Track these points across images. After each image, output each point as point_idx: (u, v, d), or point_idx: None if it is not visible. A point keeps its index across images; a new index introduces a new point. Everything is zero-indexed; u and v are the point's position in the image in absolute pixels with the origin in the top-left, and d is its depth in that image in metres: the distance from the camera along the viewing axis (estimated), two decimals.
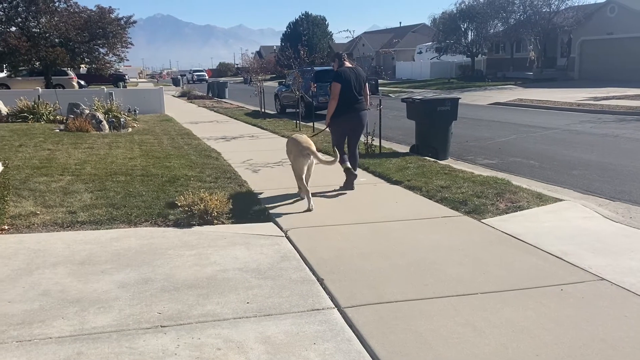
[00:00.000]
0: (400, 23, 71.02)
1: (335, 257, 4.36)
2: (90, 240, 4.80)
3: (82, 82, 35.02)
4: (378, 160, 8.46)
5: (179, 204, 5.41)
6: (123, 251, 4.50)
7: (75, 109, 13.61)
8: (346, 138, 6.96)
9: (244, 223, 5.42)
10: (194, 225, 5.22)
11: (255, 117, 16.89)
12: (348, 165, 6.68)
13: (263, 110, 18.30)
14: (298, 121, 13.71)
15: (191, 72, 71.29)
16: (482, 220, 5.35)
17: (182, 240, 4.81)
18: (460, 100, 9.66)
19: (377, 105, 9.34)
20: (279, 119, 16.46)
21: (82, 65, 31.76)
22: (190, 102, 26.50)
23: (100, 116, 13.25)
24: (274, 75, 42.53)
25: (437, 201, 6.10)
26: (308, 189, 5.99)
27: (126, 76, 48.79)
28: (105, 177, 7.09)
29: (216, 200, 5.38)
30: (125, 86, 36.37)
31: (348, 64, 6.90)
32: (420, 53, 50.84)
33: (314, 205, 5.86)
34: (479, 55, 41.03)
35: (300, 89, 14.01)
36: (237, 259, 4.34)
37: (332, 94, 6.69)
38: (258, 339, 3.05)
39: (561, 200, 6.03)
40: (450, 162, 8.61)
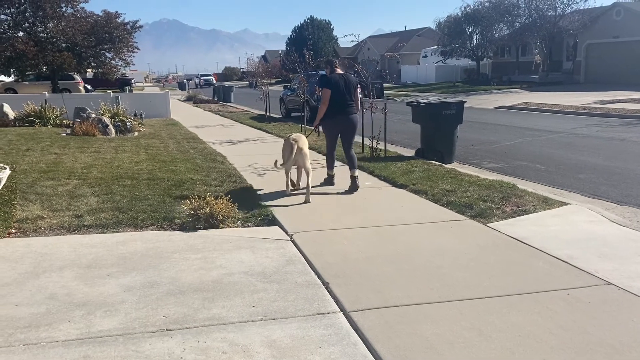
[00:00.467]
0: (406, 27, 70.95)
1: (340, 261, 4.36)
2: (96, 243, 4.82)
3: (89, 87, 35.18)
4: (383, 164, 8.46)
5: (184, 208, 5.42)
6: (129, 255, 4.52)
7: (81, 113, 13.69)
8: (337, 141, 7.34)
9: (250, 227, 5.44)
10: (200, 228, 5.24)
11: (260, 121, 16.93)
12: (332, 172, 7.35)
13: (268, 114, 18.33)
14: (303, 125, 13.72)
15: (199, 77, 71.24)
16: (488, 224, 5.34)
17: (188, 243, 4.82)
18: (465, 104, 9.65)
19: (382, 109, 9.35)
20: (284, 122, 16.49)
21: (89, 70, 31.94)
22: (196, 106, 26.59)
23: (107, 120, 13.31)
24: (279, 79, 42.66)
25: (443, 205, 6.09)
26: (288, 182, 6.83)
27: (132, 80, 48.96)
28: (112, 181, 7.12)
29: (222, 203, 5.39)
30: (131, 90, 36.49)
31: (339, 71, 7.24)
32: (425, 57, 50.81)
33: (290, 191, 6.73)
34: (485, 59, 40.97)
35: (306, 93, 14.02)
36: (243, 262, 4.35)
37: (322, 99, 7.07)
38: (264, 343, 3.06)
39: (567, 204, 6.01)
40: (455, 166, 8.60)
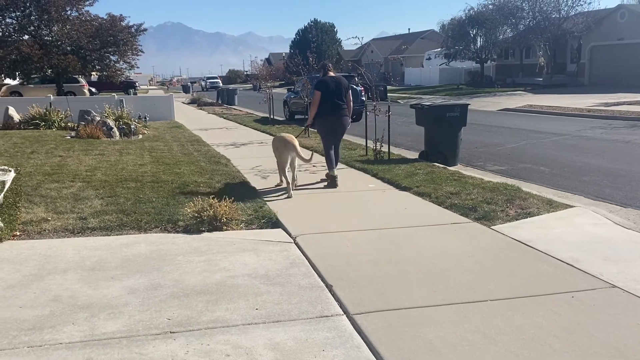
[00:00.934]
0: (409, 29, 70.97)
1: (344, 264, 4.36)
2: (100, 246, 4.83)
3: (93, 90, 35.31)
4: (387, 167, 8.45)
5: (188, 210, 5.43)
6: (133, 257, 4.53)
7: (86, 116, 13.74)
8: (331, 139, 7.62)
9: (253, 229, 5.44)
10: (203, 231, 5.24)
11: (264, 124, 16.95)
12: (333, 173, 7.42)
13: (272, 116, 18.36)
14: (306, 129, 13.71)
15: (204, 80, 70.34)
16: (492, 227, 5.33)
17: (192, 246, 4.83)
18: (469, 107, 9.63)
19: (386, 111, 9.34)
20: (287, 125, 16.50)
21: (93, 73, 32.04)
22: (200, 109, 26.65)
23: (111, 123, 13.35)
24: (283, 82, 42.70)
25: (447, 207, 6.08)
26: (289, 181, 6.92)
27: (137, 83, 49.08)
28: (116, 184, 7.14)
29: (225, 206, 5.40)
30: (135, 93, 36.65)
31: (331, 74, 7.67)
32: (429, 59, 50.80)
33: (292, 194, 6.78)
34: (488, 61, 40.92)
35: (309, 96, 14.03)
36: (246, 265, 4.35)
37: (313, 100, 7.57)
38: (267, 346, 3.05)
39: (572, 206, 5.99)
40: (459, 168, 8.58)
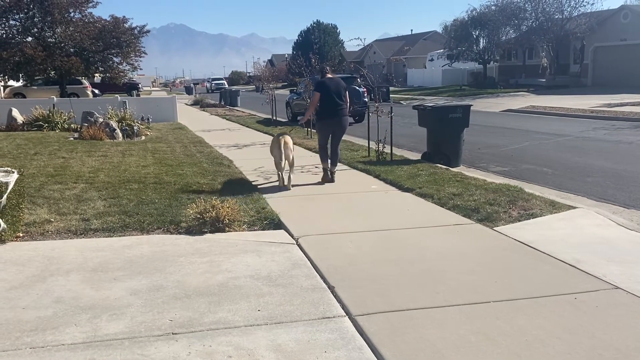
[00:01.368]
0: (412, 31, 70.88)
1: (346, 265, 4.35)
2: (103, 247, 4.84)
3: (96, 91, 35.37)
4: (389, 168, 8.45)
5: (191, 211, 5.44)
6: (135, 258, 4.54)
7: (89, 118, 13.77)
8: (329, 138, 7.85)
9: (256, 230, 5.44)
10: (206, 232, 5.25)
11: (266, 125, 16.97)
12: (327, 166, 7.72)
13: (275, 118, 18.37)
14: (309, 128, 13.73)
15: (210, 81, 69.40)
16: (495, 228, 5.32)
17: (194, 247, 4.83)
18: (472, 108, 9.62)
19: (389, 112, 9.34)
20: (290, 126, 16.48)
21: (96, 74, 32.12)
22: (203, 110, 26.70)
23: (114, 124, 13.39)
24: (286, 83, 42.73)
25: (449, 209, 6.07)
26: (283, 177, 7.35)
27: (140, 85, 49.13)
28: (119, 185, 7.15)
29: (228, 207, 5.40)
30: (138, 95, 36.69)
31: (329, 75, 7.95)
32: (431, 60, 50.75)
33: (291, 186, 7.25)
34: (491, 62, 40.85)
35: (311, 97, 14.01)
36: (249, 266, 4.35)
37: (312, 101, 7.91)
38: (269, 347, 3.05)
39: (575, 207, 5.97)
40: (462, 170, 8.57)
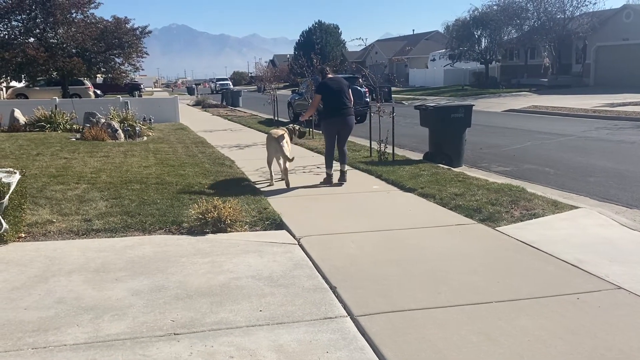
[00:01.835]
0: (414, 31, 70.87)
1: (348, 265, 4.35)
2: (105, 248, 4.84)
3: (98, 92, 35.43)
4: (391, 168, 8.44)
5: (192, 212, 5.44)
6: (137, 259, 4.54)
7: (91, 118, 13.79)
8: (336, 139, 7.71)
9: (257, 230, 5.44)
10: (208, 232, 5.25)
11: (268, 125, 16.95)
12: (331, 172, 7.64)
13: (276, 118, 18.36)
14: (311, 129, 13.74)
15: (215, 81, 68.53)
16: (497, 228, 5.31)
17: (196, 247, 4.83)
18: (474, 108, 9.61)
19: (390, 112, 9.33)
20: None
21: (99, 75, 32.18)
22: (205, 111, 26.70)
23: (116, 125, 13.40)
24: (288, 84, 42.70)
25: (451, 209, 6.06)
26: (272, 172, 7.63)
27: (141, 85, 49.19)
28: (121, 185, 7.16)
29: (229, 207, 5.40)
30: (140, 95, 36.71)
31: (330, 75, 7.86)
32: (433, 60, 50.73)
33: (274, 183, 7.55)
34: (493, 62, 40.81)
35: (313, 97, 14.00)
36: (250, 266, 4.35)
37: (312, 102, 7.92)
38: (271, 347, 3.05)
39: (577, 207, 5.96)
40: (464, 170, 8.56)
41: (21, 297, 3.76)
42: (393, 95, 21.54)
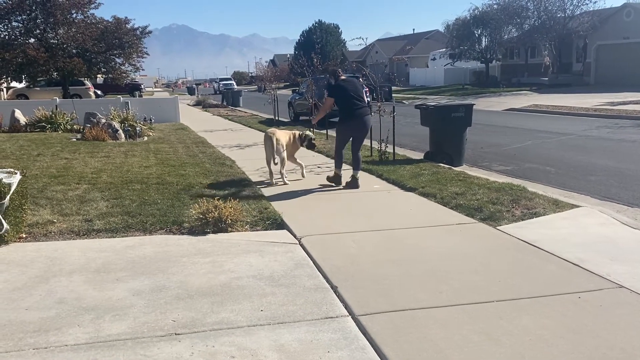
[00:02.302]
0: (414, 30, 70.85)
1: (349, 265, 4.35)
2: (105, 248, 4.84)
3: (99, 92, 35.45)
4: (392, 167, 8.44)
5: (193, 212, 5.44)
6: (138, 259, 4.54)
7: (92, 119, 13.79)
8: (349, 142, 7.50)
9: (258, 230, 5.44)
10: (209, 232, 5.25)
11: (269, 125, 16.94)
12: (340, 172, 7.41)
13: (277, 118, 18.37)
14: (311, 129, 13.72)
15: (218, 82, 66.65)
16: (498, 227, 5.30)
17: (197, 247, 4.83)
18: (474, 107, 9.60)
19: (391, 111, 9.33)
20: (292, 126, 16.48)
21: (99, 75, 32.21)
22: (205, 111, 26.70)
23: (117, 125, 13.41)
24: (288, 84, 42.69)
25: (452, 208, 6.06)
26: (272, 172, 7.61)
27: (142, 85, 49.16)
28: (121, 186, 7.16)
29: (230, 207, 5.40)
30: (141, 95, 36.74)
31: (343, 77, 7.56)
32: (433, 59, 50.69)
33: (276, 182, 7.53)
34: (493, 61, 40.78)
35: (314, 97, 14.03)
36: (251, 266, 4.35)
37: (324, 106, 7.66)
38: (272, 347, 3.05)
39: (578, 206, 5.96)
40: (464, 169, 8.55)
41: (22, 298, 3.76)
42: (393, 95, 21.55)
